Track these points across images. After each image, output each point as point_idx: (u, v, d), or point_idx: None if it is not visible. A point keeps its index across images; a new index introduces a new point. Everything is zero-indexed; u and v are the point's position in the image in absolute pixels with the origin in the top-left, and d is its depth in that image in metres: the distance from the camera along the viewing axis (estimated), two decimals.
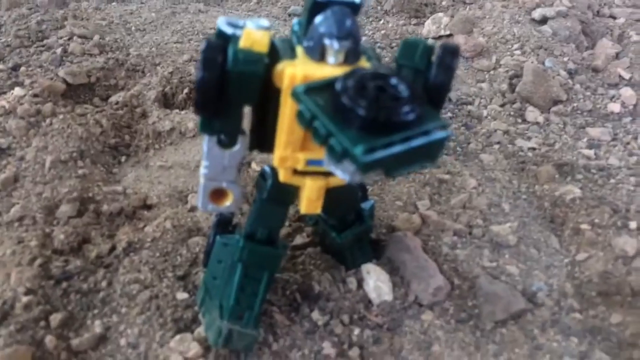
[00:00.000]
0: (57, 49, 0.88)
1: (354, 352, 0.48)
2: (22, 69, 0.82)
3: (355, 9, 0.38)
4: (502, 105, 0.82)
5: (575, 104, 0.81)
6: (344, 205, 0.49)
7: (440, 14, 1.06)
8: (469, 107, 0.81)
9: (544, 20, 1.01)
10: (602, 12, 1.08)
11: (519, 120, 0.79)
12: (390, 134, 0.31)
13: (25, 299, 0.48)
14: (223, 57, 0.37)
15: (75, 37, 0.91)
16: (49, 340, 0.46)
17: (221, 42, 0.38)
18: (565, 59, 0.89)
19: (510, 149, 0.73)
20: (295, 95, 0.34)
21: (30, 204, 0.59)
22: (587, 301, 0.53)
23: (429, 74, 0.39)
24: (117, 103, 0.75)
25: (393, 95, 0.33)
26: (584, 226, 0.59)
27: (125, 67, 0.84)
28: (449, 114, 0.79)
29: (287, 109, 0.38)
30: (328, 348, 0.47)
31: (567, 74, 0.86)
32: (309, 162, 0.41)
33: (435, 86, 0.39)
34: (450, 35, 1.00)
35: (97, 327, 0.48)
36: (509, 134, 0.76)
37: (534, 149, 0.72)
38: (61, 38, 0.91)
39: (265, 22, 0.40)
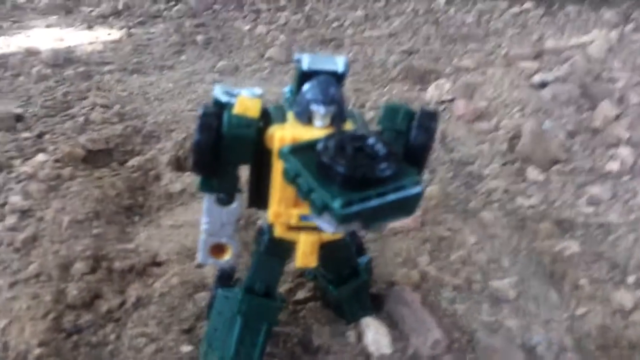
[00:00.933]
0: (79, 117, 0.94)
1: None
2: (47, 136, 0.88)
3: (339, 77, 0.42)
4: (502, 165, 0.84)
5: (574, 163, 0.83)
6: (339, 259, 0.51)
7: (443, 80, 1.11)
8: (470, 168, 0.84)
9: (543, 85, 1.06)
10: (601, 76, 1.12)
11: (519, 179, 0.81)
12: (367, 189, 0.34)
13: (37, 351, 0.51)
14: (218, 122, 0.41)
15: (97, 107, 0.98)
16: None
17: (217, 109, 0.42)
18: (564, 120, 0.92)
19: (510, 207, 0.75)
20: (281, 154, 0.37)
21: (47, 262, 0.62)
22: (586, 355, 0.53)
23: (409, 136, 0.42)
24: (132, 167, 0.80)
25: (370, 154, 0.36)
26: (582, 281, 0.60)
27: (142, 134, 0.89)
28: (451, 174, 0.82)
29: (278, 168, 0.41)
30: None
31: (566, 134, 0.89)
32: (302, 218, 0.44)
33: (415, 147, 0.42)
34: (452, 100, 1.04)
35: None
36: (508, 193, 0.78)
37: (533, 206, 0.74)
38: (84, 108, 0.97)
39: (258, 91, 0.44)
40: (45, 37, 1.35)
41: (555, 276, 0.62)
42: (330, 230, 0.39)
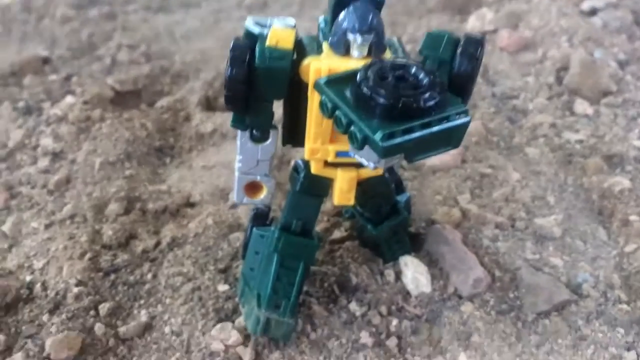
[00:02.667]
0: (106, 58, 0.92)
1: (392, 342, 0.48)
2: (74, 78, 0.86)
3: (378, 3, 0.39)
4: (548, 99, 0.80)
5: (626, 95, 0.78)
6: (377, 197, 0.49)
7: (485, 9, 1.04)
8: (514, 102, 0.80)
9: (593, 12, 0.99)
10: None
11: (567, 113, 0.77)
12: (410, 120, 0.32)
13: (76, 289, 0.51)
14: (250, 55, 0.39)
15: (123, 47, 0.95)
16: (98, 328, 0.48)
17: (248, 41, 0.39)
18: (616, 49, 0.86)
19: (556, 142, 0.71)
20: (317, 86, 0.35)
21: (81, 203, 0.61)
22: (635, 292, 0.51)
23: (453, 65, 0.39)
24: (162, 107, 0.78)
25: (413, 83, 0.34)
26: (633, 217, 0.57)
27: (170, 74, 0.87)
28: (493, 109, 0.78)
29: (314, 102, 0.39)
30: (365, 338, 0.48)
31: (618, 64, 0.83)
32: (339, 154, 0.42)
33: (460, 76, 0.39)
34: (495, 30, 0.99)
35: (143, 316, 0.50)
36: (555, 127, 0.74)
37: (581, 141, 0.70)
38: (110, 49, 0.95)
39: (291, 21, 0.41)
40: None
41: (603, 213, 0.60)
42: (371, 165, 0.37)
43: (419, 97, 0.33)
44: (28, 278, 0.53)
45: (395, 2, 1.17)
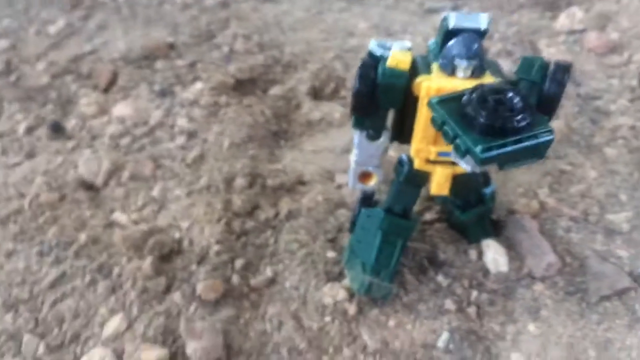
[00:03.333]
0: (224, 47, 1.04)
1: (472, 310, 0.57)
2: (199, 65, 0.99)
3: (482, 34, 0.48)
4: (630, 101, 0.85)
5: None
6: (467, 189, 0.59)
7: (575, 8, 1.08)
8: (597, 102, 0.85)
9: None
10: None
11: None
12: (504, 137, 0.41)
13: (216, 247, 0.64)
14: (374, 73, 0.49)
15: (239, 37, 1.07)
16: (235, 278, 0.61)
17: (373, 62, 0.49)
18: None
19: (635, 144, 0.76)
20: (430, 105, 0.44)
21: (214, 176, 0.74)
22: None
23: (543, 87, 0.47)
24: (275, 95, 0.90)
25: (509, 106, 0.42)
26: None
27: (281, 64, 0.98)
28: (577, 109, 0.84)
29: (423, 112, 0.48)
30: (449, 304, 0.58)
31: None
32: (439, 154, 0.51)
33: (548, 97, 0.47)
34: (583, 30, 1.03)
35: (269, 272, 0.62)
36: (635, 129, 0.79)
37: None
38: (227, 37, 1.08)
39: (407, 44, 0.50)
40: None
41: None
42: (469, 168, 0.46)
43: (513, 119, 0.42)
44: (177, 235, 0.67)
45: None
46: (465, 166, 0.45)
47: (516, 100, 0.42)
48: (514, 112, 0.41)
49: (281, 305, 0.59)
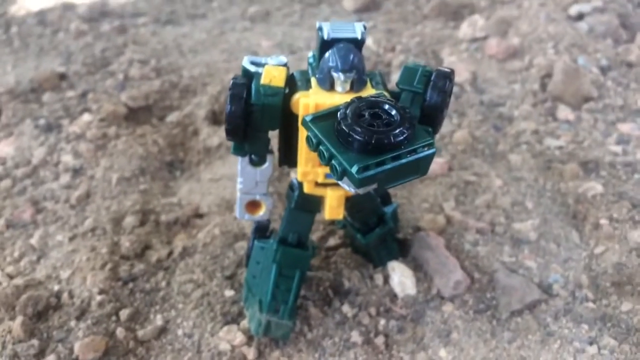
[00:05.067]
0: (119, 74, 0.98)
1: (380, 340, 0.53)
2: (90, 95, 0.92)
3: (358, 44, 0.44)
4: (533, 105, 0.84)
5: (606, 101, 0.83)
6: (364, 210, 0.55)
7: (477, 16, 1.09)
8: (501, 109, 0.85)
9: (580, 17, 1.03)
10: None
11: (550, 119, 0.81)
12: (382, 154, 0.37)
13: (99, 297, 0.57)
14: (247, 92, 0.44)
15: (134, 62, 1.01)
16: (119, 332, 0.55)
17: (245, 80, 0.45)
18: (599, 55, 0.91)
19: (538, 149, 0.76)
20: (304, 124, 0.40)
21: (100, 217, 0.68)
22: (601, 291, 0.56)
23: (425, 96, 0.44)
24: (172, 122, 0.84)
25: (385, 120, 0.38)
26: (603, 221, 0.62)
27: (179, 88, 0.92)
28: (480, 117, 0.83)
29: (304, 133, 0.44)
30: (356, 337, 0.53)
31: (600, 70, 0.88)
32: (328, 175, 0.47)
33: (431, 107, 0.44)
34: (485, 37, 1.03)
35: (159, 320, 0.56)
36: (538, 134, 0.79)
37: (561, 147, 0.75)
38: (122, 64, 1.01)
39: (283, 59, 0.46)
40: None
41: (577, 217, 0.65)
42: (350, 190, 0.42)
43: (390, 134, 0.38)
44: (56, 287, 0.59)
45: (392, 8, 1.22)
46: (346, 188, 0.42)
47: (393, 113, 0.39)
48: (391, 127, 0.38)
49: (172, 358, 0.53)
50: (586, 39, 0.94)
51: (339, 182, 0.41)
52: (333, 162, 0.38)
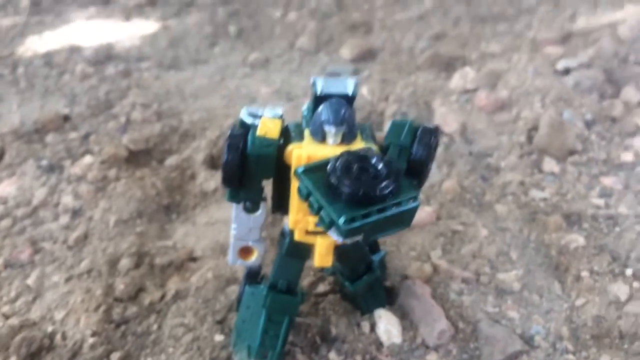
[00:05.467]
0: (121, 117, 1.01)
1: None
2: (92, 137, 0.95)
3: (349, 99, 0.47)
4: (519, 157, 0.87)
5: (590, 154, 0.86)
6: (353, 259, 0.57)
7: (468, 69, 1.13)
8: (488, 160, 0.87)
9: (567, 71, 1.07)
10: (629, 59, 1.12)
11: (535, 171, 0.84)
12: (369, 206, 0.40)
13: (91, 340, 0.59)
14: (244, 143, 0.47)
15: (137, 106, 1.05)
16: None
17: (242, 131, 0.48)
18: (584, 109, 0.94)
19: (523, 200, 0.78)
20: (296, 174, 0.43)
21: (97, 258, 0.70)
22: (581, 344, 0.58)
23: (411, 150, 0.47)
24: (170, 166, 0.87)
25: (373, 173, 0.41)
26: (584, 273, 0.64)
27: (179, 133, 0.95)
28: (469, 167, 0.85)
29: (296, 183, 0.47)
30: None
31: (584, 124, 0.91)
32: (318, 224, 0.49)
33: (416, 161, 0.47)
34: (475, 89, 1.07)
35: None
36: (524, 185, 0.81)
37: (545, 199, 0.78)
38: (125, 107, 1.05)
39: (279, 111, 0.49)
40: (86, 31, 1.43)
41: (560, 268, 0.67)
42: (338, 240, 0.44)
43: (376, 187, 0.41)
44: (50, 329, 0.61)
45: (387, 58, 1.26)
46: (334, 237, 0.44)
47: (380, 166, 0.41)
48: (378, 179, 0.41)
49: None
50: (572, 93, 0.98)
51: (328, 231, 0.43)
52: (322, 213, 0.41)
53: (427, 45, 1.30)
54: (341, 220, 0.39)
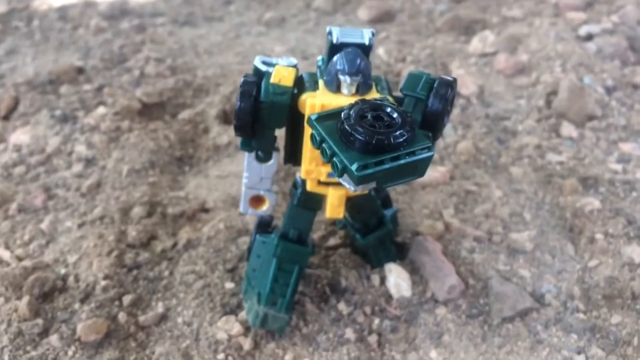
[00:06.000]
0: (135, 71, 1.01)
1: (373, 338, 0.55)
2: (106, 89, 0.95)
3: (366, 49, 0.46)
4: (537, 121, 0.86)
5: (610, 120, 0.84)
6: (365, 211, 0.57)
7: (487, 32, 1.11)
8: (505, 123, 0.86)
9: (589, 37, 1.04)
10: None
11: (553, 135, 0.83)
12: (382, 154, 0.39)
13: (103, 282, 0.59)
14: (257, 90, 0.46)
15: (151, 60, 1.04)
16: (121, 316, 0.56)
17: (256, 78, 0.47)
18: (605, 75, 0.92)
19: (539, 163, 0.77)
20: (309, 122, 0.42)
21: (109, 206, 0.70)
22: (592, 303, 0.57)
23: (427, 103, 0.46)
24: (183, 120, 0.86)
25: (387, 122, 0.40)
26: (598, 235, 0.64)
27: (193, 87, 0.95)
28: (485, 129, 0.84)
29: (309, 131, 0.46)
30: (350, 334, 0.55)
31: (605, 90, 0.89)
32: (330, 174, 0.49)
33: (432, 113, 0.46)
34: (495, 53, 1.05)
35: (160, 308, 0.58)
36: (540, 148, 0.80)
37: (562, 163, 0.76)
38: (139, 61, 1.04)
39: (293, 60, 0.48)
40: None
41: (573, 230, 0.66)
42: (350, 188, 0.44)
43: (390, 135, 0.40)
44: (63, 271, 0.62)
45: (406, 20, 1.24)
46: (347, 186, 0.43)
47: (395, 116, 0.41)
48: (392, 128, 0.40)
49: (171, 344, 0.55)
50: (593, 59, 0.96)
51: (340, 180, 0.43)
52: (334, 159, 0.40)
53: (447, 8, 1.27)
54: (354, 167, 0.39)
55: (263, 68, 0.49)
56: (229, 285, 0.60)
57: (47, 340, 0.54)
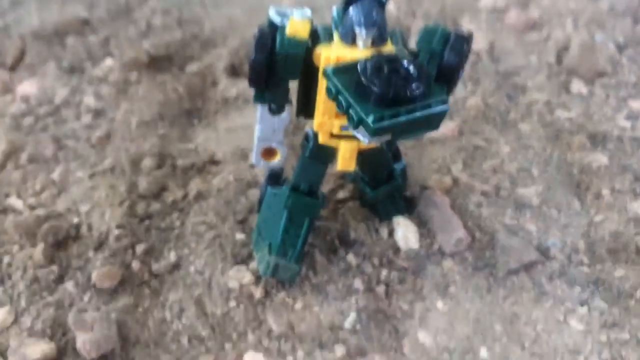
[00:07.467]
0: (141, 22, 0.99)
1: (380, 289, 0.56)
2: (113, 41, 0.94)
3: (381, 3, 0.46)
4: (547, 77, 0.85)
5: (620, 77, 0.84)
6: (375, 164, 0.57)
7: None
8: (515, 79, 0.85)
9: None
10: None
11: (563, 92, 0.82)
12: (398, 106, 0.39)
13: (116, 231, 0.60)
14: (272, 42, 0.46)
15: (157, 12, 1.02)
16: (135, 264, 0.58)
17: (271, 30, 0.47)
18: (616, 32, 0.91)
19: (548, 119, 0.77)
20: (325, 74, 0.42)
21: (119, 157, 0.70)
22: (596, 257, 0.58)
23: (442, 56, 0.46)
24: (191, 72, 0.86)
25: (403, 75, 0.40)
26: (605, 191, 0.64)
27: (200, 40, 0.94)
28: (494, 85, 0.84)
29: (323, 84, 0.46)
30: (358, 284, 0.56)
31: (616, 47, 0.88)
32: (343, 127, 0.49)
33: (447, 67, 0.46)
34: (505, 9, 1.03)
35: (172, 257, 0.59)
36: (550, 105, 0.80)
37: (571, 119, 0.76)
38: (145, 13, 1.02)
39: (308, 12, 0.48)
40: None
41: (580, 186, 0.66)
42: (365, 140, 0.44)
43: (407, 88, 0.40)
44: (75, 220, 0.62)
45: None
46: (361, 138, 0.44)
47: (411, 69, 0.41)
48: (408, 81, 0.40)
49: (183, 291, 0.56)
50: (606, 16, 0.94)
51: (354, 132, 0.43)
52: (350, 111, 0.40)
53: None
54: (370, 119, 0.39)
55: (278, 20, 0.48)
56: (240, 236, 0.61)
57: (63, 287, 0.56)
